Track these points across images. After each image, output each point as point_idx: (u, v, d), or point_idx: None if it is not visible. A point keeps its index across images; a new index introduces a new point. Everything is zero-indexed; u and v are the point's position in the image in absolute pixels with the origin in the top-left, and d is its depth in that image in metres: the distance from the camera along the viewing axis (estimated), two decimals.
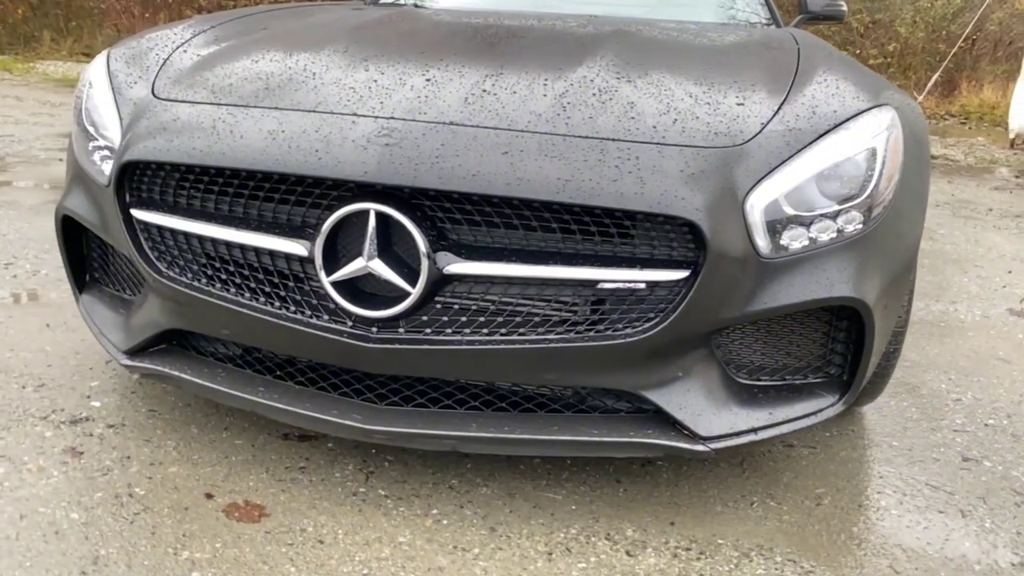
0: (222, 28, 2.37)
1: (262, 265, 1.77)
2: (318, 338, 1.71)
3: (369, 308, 1.67)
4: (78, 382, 2.31)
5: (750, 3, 3.46)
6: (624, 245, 1.65)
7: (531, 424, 1.75)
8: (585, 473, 2.03)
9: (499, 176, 1.59)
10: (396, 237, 1.66)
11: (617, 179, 1.60)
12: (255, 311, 1.76)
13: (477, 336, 1.67)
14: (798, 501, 1.98)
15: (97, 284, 2.24)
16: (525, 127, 1.70)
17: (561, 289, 1.67)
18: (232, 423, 2.14)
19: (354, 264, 1.64)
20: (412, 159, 1.61)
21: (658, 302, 1.66)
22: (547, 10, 3.11)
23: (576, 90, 1.84)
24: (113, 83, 2.05)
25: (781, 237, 1.73)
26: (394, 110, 1.73)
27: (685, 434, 1.76)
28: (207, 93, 1.89)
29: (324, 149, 1.65)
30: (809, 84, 1.98)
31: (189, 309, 1.85)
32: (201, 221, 1.78)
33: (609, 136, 1.70)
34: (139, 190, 1.85)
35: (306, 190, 1.69)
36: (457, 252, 1.64)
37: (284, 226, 1.73)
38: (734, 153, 1.72)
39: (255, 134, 1.72)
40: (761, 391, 1.87)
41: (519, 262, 1.64)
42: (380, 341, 1.68)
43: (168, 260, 1.84)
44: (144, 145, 1.78)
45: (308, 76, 1.90)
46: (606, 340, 1.66)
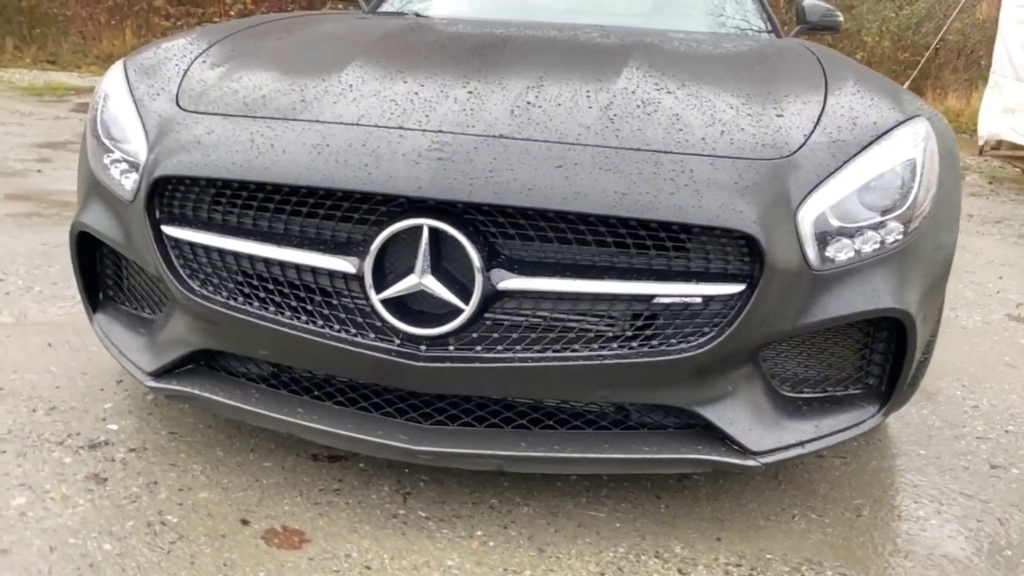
0: (236, 39, 2.31)
1: (304, 282, 1.71)
2: (364, 357, 1.66)
3: (419, 326, 1.62)
4: (91, 404, 2.23)
5: (751, 14, 3.48)
6: (678, 259, 1.63)
7: (581, 442, 1.71)
8: (624, 489, 2.00)
9: (555, 190, 1.56)
10: (447, 253, 1.61)
11: (674, 192, 1.58)
12: (296, 330, 1.70)
13: (529, 353, 1.64)
14: (838, 513, 1.97)
15: (112, 302, 2.16)
16: (576, 140, 1.68)
17: (614, 304, 1.64)
18: (258, 444, 2.08)
19: (406, 281, 1.60)
20: (466, 173, 1.58)
21: (713, 316, 1.64)
22: (547, 19, 3.09)
23: (620, 102, 1.82)
24: (134, 95, 1.98)
25: (828, 249, 1.72)
26: (442, 123, 1.69)
27: (735, 449, 1.74)
28: (240, 105, 1.83)
29: (374, 164, 1.60)
30: (842, 95, 1.98)
31: (223, 328, 1.79)
32: (238, 238, 1.72)
33: (660, 148, 1.68)
34: (170, 206, 1.78)
35: (353, 205, 1.64)
36: (510, 268, 1.61)
37: (328, 242, 1.68)
38: (783, 165, 1.71)
39: (298, 148, 1.66)
40: (805, 403, 1.86)
41: (573, 277, 1.61)
42: (429, 359, 1.64)
43: (201, 278, 1.78)
44: (177, 160, 1.72)
45: (345, 88, 1.85)
46: (660, 356, 1.63)
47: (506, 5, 3.63)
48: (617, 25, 3.06)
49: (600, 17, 3.34)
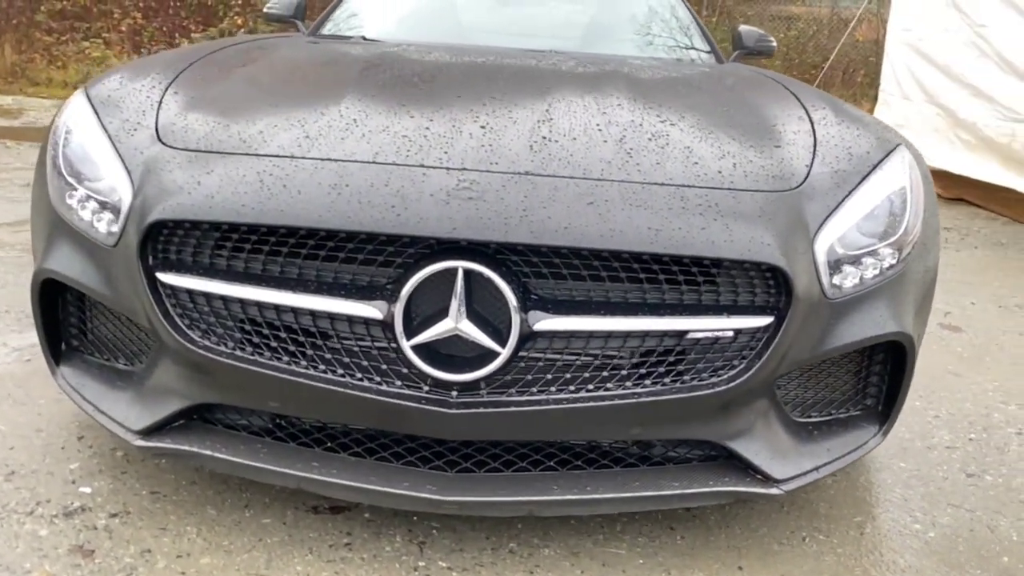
0: (199, 68, 2.17)
1: (321, 329, 1.62)
2: (389, 405, 1.59)
3: (450, 371, 1.56)
4: (54, 465, 2.04)
5: (695, 38, 3.56)
6: (708, 293, 1.63)
7: (612, 482, 1.69)
8: (637, 522, 1.98)
9: (590, 228, 1.54)
10: (478, 295, 1.56)
11: (705, 227, 1.58)
12: (313, 379, 1.61)
13: (563, 394, 1.60)
14: (843, 532, 2.01)
15: (77, 354, 1.99)
16: (600, 175, 1.65)
17: (646, 340, 1.62)
18: (251, 499, 1.95)
19: (441, 326, 1.53)
20: (499, 213, 1.53)
21: (741, 349, 1.65)
22: (491, 43, 3.06)
23: (632, 135, 1.81)
24: (108, 129, 1.84)
25: (836, 278, 1.76)
26: (464, 161, 1.64)
27: (759, 479, 1.75)
28: (237, 142, 1.72)
29: (401, 204, 1.53)
30: (828, 125, 2.04)
31: (228, 380, 1.67)
32: (246, 284, 1.61)
33: (683, 183, 1.68)
34: (165, 252, 1.66)
35: (377, 248, 1.57)
36: (544, 308, 1.57)
37: (349, 287, 1.59)
38: (796, 196, 1.74)
39: (314, 189, 1.57)
40: (815, 428, 1.90)
41: (607, 315, 1.58)
42: (461, 406, 1.57)
43: (203, 328, 1.66)
44: (176, 202, 1.60)
45: (349, 123, 1.77)
46: (693, 391, 1.62)
47: (443, 28, 3.60)
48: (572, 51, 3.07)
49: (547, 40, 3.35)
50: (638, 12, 3.70)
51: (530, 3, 4.12)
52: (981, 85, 7.48)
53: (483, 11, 3.95)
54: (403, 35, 3.24)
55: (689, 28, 3.66)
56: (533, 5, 4.13)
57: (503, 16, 3.99)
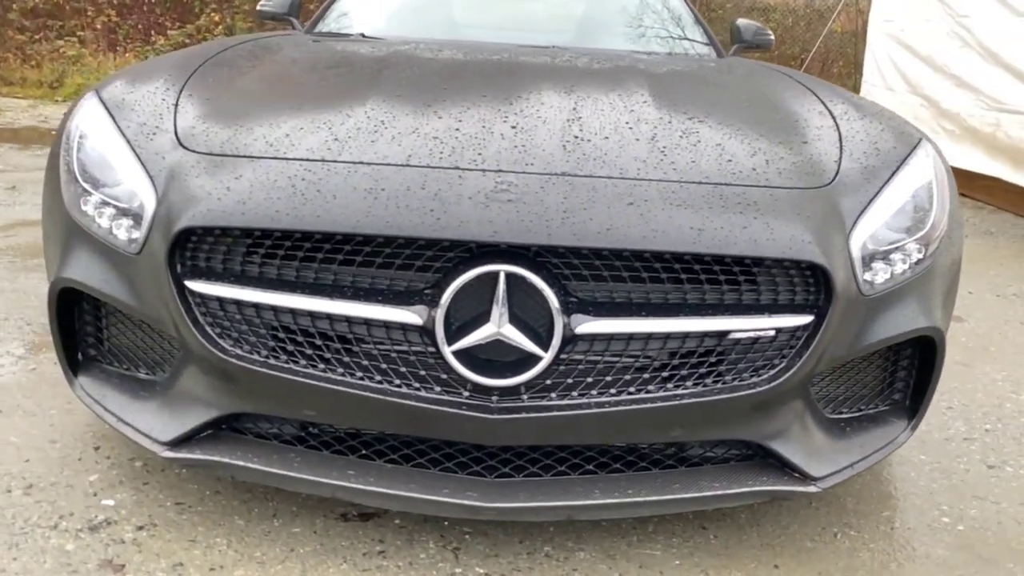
0: (208, 69, 2.13)
1: (358, 336, 1.59)
2: (429, 411, 1.56)
3: (491, 376, 1.54)
4: (72, 477, 1.99)
5: (696, 33, 3.55)
6: (749, 292, 1.62)
7: (651, 484, 1.67)
8: (669, 523, 1.97)
9: (632, 229, 1.52)
10: (518, 298, 1.53)
11: (746, 226, 1.57)
12: (350, 387, 1.57)
13: (604, 397, 1.58)
14: (874, 527, 2.01)
15: (96, 364, 1.94)
16: (637, 174, 1.63)
17: (687, 341, 1.61)
18: (278, 508, 1.92)
19: (483, 331, 1.51)
20: (540, 215, 1.50)
21: (781, 348, 1.64)
22: (490, 39, 3.04)
23: (663, 133, 1.79)
24: (126, 133, 1.79)
25: (869, 274, 1.75)
26: (499, 162, 1.61)
27: (796, 477, 1.75)
28: (264, 146, 1.68)
29: (440, 208, 1.50)
30: (850, 120, 2.03)
31: (261, 389, 1.64)
32: (280, 291, 1.58)
33: (720, 181, 1.66)
34: (194, 259, 1.61)
35: (415, 253, 1.54)
36: (585, 310, 1.54)
37: (386, 293, 1.56)
38: (830, 192, 1.74)
39: (349, 193, 1.54)
40: (846, 424, 1.89)
41: (648, 316, 1.57)
42: (502, 411, 1.55)
43: (234, 336, 1.62)
44: (207, 209, 1.56)
45: (378, 125, 1.73)
46: (735, 391, 1.61)
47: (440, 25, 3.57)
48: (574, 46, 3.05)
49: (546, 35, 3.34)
50: (638, 6, 3.68)
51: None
52: (964, 75, 7.54)
53: (480, 7, 3.92)
54: (401, 32, 3.20)
55: (687, 22, 3.65)
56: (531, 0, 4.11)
57: (500, 12, 3.97)
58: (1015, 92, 6.99)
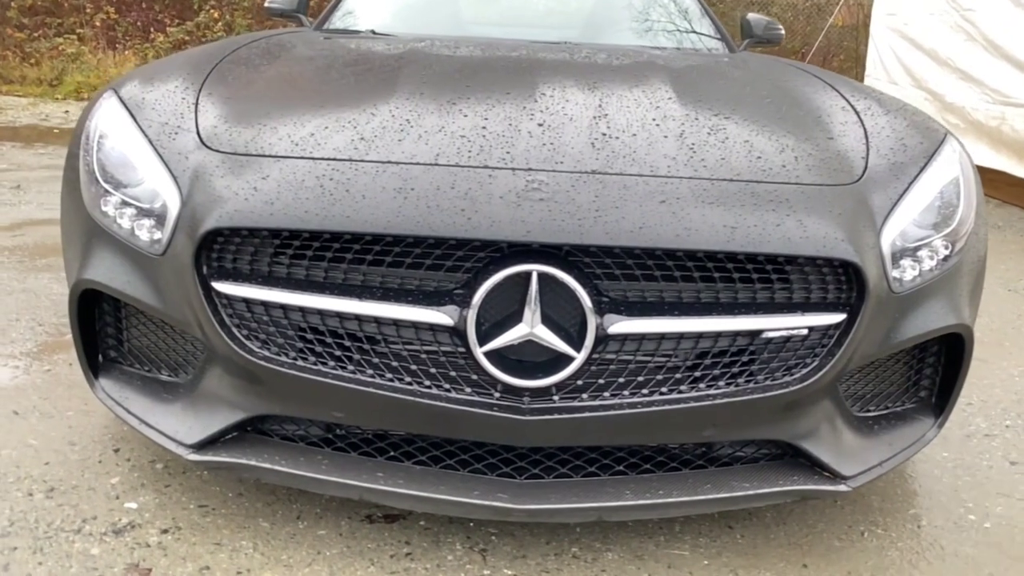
0: (225, 68, 2.10)
1: (387, 337, 1.57)
2: (459, 413, 1.55)
3: (522, 376, 1.52)
4: (94, 480, 1.98)
5: (704, 26, 3.53)
6: (782, 290, 1.60)
7: (682, 485, 1.66)
8: (695, 522, 1.95)
9: (666, 227, 1.50)
10: (549, 298, 1.52)
11: (780, 224, 1.55)
12: (379, 388, 1.56)
13: (637, 397, 1.57)
14: (901, 525, 2.00)
15: (116, 366, 1.92)
16: (668, 172, 1.62)
17: (719, 340, 1.59)
18: (302, 510, 1.90)
19: (515, 331, 1.49)
20: (572, 214, 1.49)
21: (813, 347, 1.62)
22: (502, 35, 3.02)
23: (691, 130, 1.78)
24: (147, 133, 1.77)
25: (899, 271, 1.74)
26: (528, 161, 1.60)
27: (827, 476, 1.73)
28: (289, 145, 1.66)
29: (471, 207, 1.49)
30: (874, 116, 2.02)
31: (288, 391, 1.62)
32: (308, 292, 1.56)
33: (751, 178, 1.65)
34: (220, 260, 1.60)
35: (445, 252, 1.52)
36: (617, 310, 1.53)
37: (416, 293, 1.55)
38: (860, 189, 1.72)
39: (379, 193, 1.52)
40: (874, 422, 1.88)
41: (681, 315, 1.55)
42: (534, 412, 1.54)
43: (262, 338, 1.60)
44: (234, 209, 1.54)
45: (403, 124, 1.72)
46: (768, 391, 1.60)
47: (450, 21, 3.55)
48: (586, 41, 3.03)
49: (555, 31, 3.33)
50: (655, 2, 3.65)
51: None
52: (969, 69, 7.52)
53: (487, 3, 3.91)
54: (411, 29, 3.17)
55: (697, 16, 3.63)
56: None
57: (507, 8, 3.95)
58: (1021, 86, 6.98)
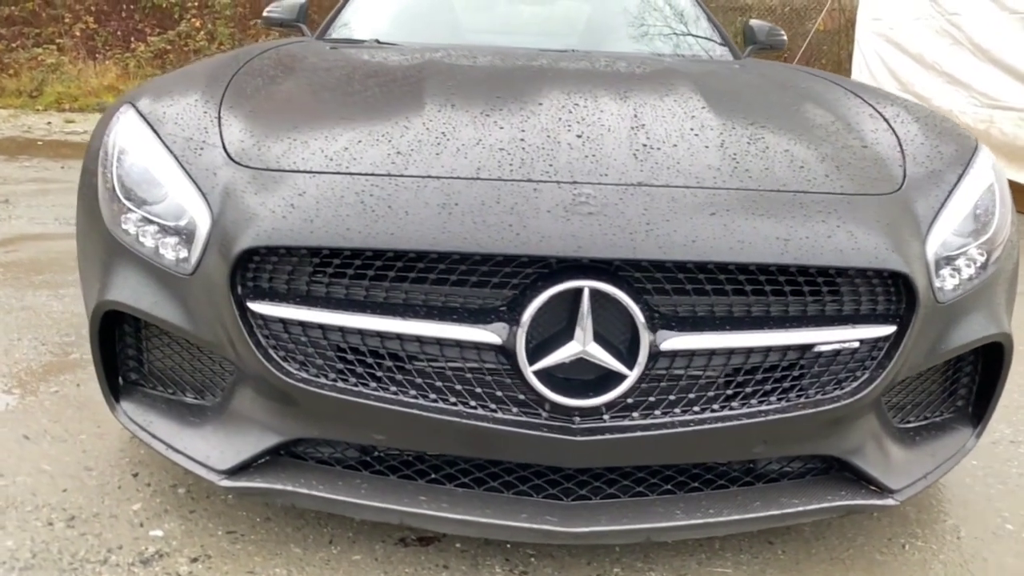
0: (242, 80, 2.05)
1: (429, 357, 1.52)
2: (506, 434, 1.50)
3: (574, 396, 1.48)
4: (115, 507, 1.91)
5: (712, 34, 3.52)
6: (832, 303, 1.57)
7: (732, 503, 1.62)
8: (733, 538, 1.91)
9: (718, 240, 1.47)
10: (600, 314, 1.48)
11: (831, 235, 1.52)
12: (423, 410, 1.51)
13: (688, 415, 1.53)
14: (940, 537, 1.97)
15: (138, 388, 1.86)
16: (714, 183, 1.59)
17: (769, 355, 1.56)
18: (334, 534, 1.85)
19: (566, 349, 1.45)
20: (623, 228, 1.45)
21: (863, 359, 1.60)
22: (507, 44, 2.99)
23: (730, 139, 1.75)
24: (172, 148, 1.71)
25: (941, 280, 1.71)
26: (572, 173, 1.56)
27: (874, 490, 1.70)
28: (323, 160, 1.61)
29: (519, 223, 1.44)
30: (905, 123, 2.00)
31: (326, 414, 1.57)
32: (348, 311, 1.51)
33: (797, 188, 1.62)
34: (256, 279, 1.54)
35: (491, 269, 1.47)
36: (669, 326, 1.49)
37: (460, 311, 1.50)
38: (902, 198, 1.70)
39: (421, 208, 1.48)
40: (915, 433, 1.86)
41: (733, 330, 1.52)
42: (584, 432, 1.49)
43: (300, 359, 1.55)
44: (271, 227, 1.49)
45: (439, 137, 1.67)
46: (819, 406, 1.57)
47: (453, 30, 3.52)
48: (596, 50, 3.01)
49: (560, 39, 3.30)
50: (652, 7, 3.64)
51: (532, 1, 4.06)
52: (956, 72, 7.57)
53: (485, 11, 3.88)
54: (414, 38, 3.13)
55: (703, 22, 3.61)
56: (536, 4, 4.07)
57: (507, 16, 3.93)
58: (1008, 88, 7.03)
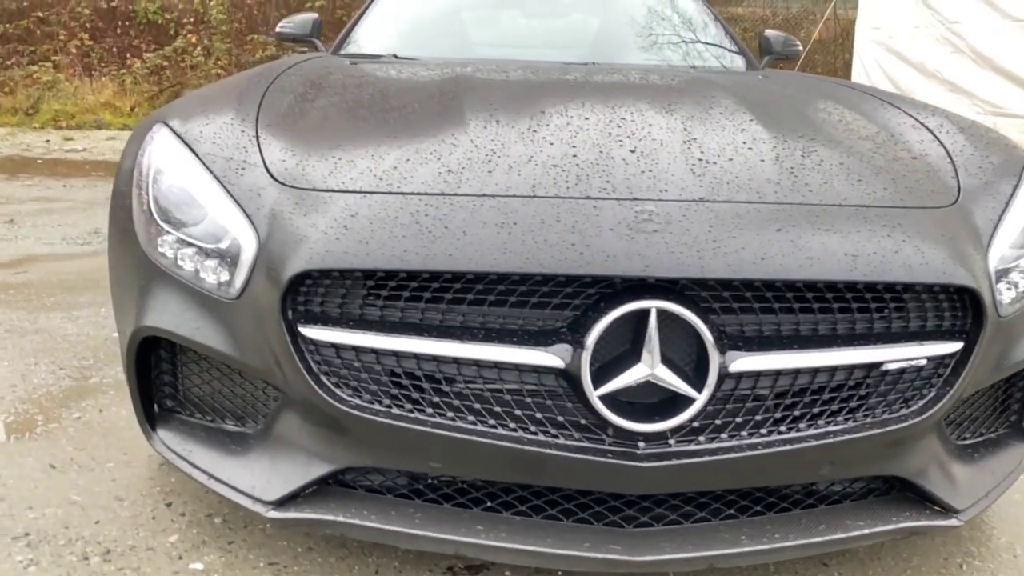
0: (274, 97, 2.00)
1: (488, 381, 1.47)
2: (570, 461, 1.45)
3: (641, 420, 1.43)
4: (151, 539, 1.85)
5: (730, 45, 3.49)
6: (898, 320, 1.53)
7: (797, 526, 1.57)
8: (788, 560, 1.87)
9: (787, 257, 1.42)
10: (665, 335, 1.43)
11: (898, 250, 1.48)
12: (482, 436, 1.46)
13: (755, 438, 1.48)
14: (997, 556, 1.93)
15: (174, 416, 1.80)
16: (776, 198, 1.55)
17: (836, 374, 1.51)
18: (379, 564, 1.79)
19: (633, 372, 1.40)
20: (690, 246, 1.41)
21: (930, 377, 1.55)
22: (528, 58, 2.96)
23: (785, 153, 1.71)
24: (212, 168, 1.66)
25: (1001, 294, 1.68)
26: (631, 190, 1.51)
27: (938, 510, 1.66)
28: (372, 180, 1.57)
29: (582, 242, 1.40)
30: (950, 134, 1.97)
31: (380, 442, 1.51)
32: (405, 335, 1.46)
33: (858, 202, 1.58)
34: (308, 303, 1.49)
35: (552, 290, 1.43)
36: (737, 346, 1.45)
37: (520, 334, 1.45)
38: (961, 210, 1.66)
39: (479, 228, 1.43)
40: (972, 450, 1.82)
41: (802, 349, 1.47)
42: (651, 458, 1.44)
43: (353, 386, 1.49)
44: (325, 250, 1.44)
45: (488, 154, 1.63)
46: (887, 425, 1.52)
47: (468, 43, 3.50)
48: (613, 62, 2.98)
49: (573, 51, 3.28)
50: (672, 20, 3.61)
51: (542, 14, 4.03)
52: (958, 80, 7.59)
53: (506, 25, 3.86)
54: (430, 52, 3.10)
55: (716, 33, 3.59)
56: (546, 17, 4.04)
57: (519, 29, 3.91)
58: (1011, 96, 7.05)
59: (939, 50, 7.72)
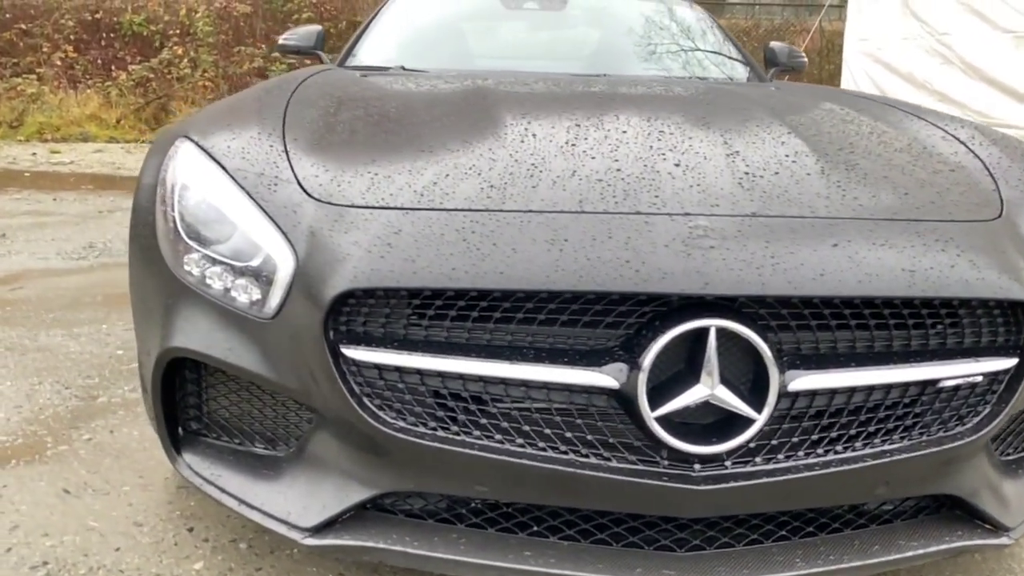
0: (297, 111, 1.95)
1: (537, 402, 1.42)
2: (624, 484, 1.40)
3: (697, 442, 1.39)
4: (175, 567, 1.78)
5: (738, 57, 3.48)
6: (953, 336, 1.50)
7: (850, 547, 1.53)
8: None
9: (846, 273, 1.39)
10: (723, 355, 1.39)
11: (954, 264, 1.46)
12: (532, 459, 1.41)
13: (812, 459, 1.45)
14: None
15: (200, 439, 1.74)
16: (828, 212, 1.51)
17: (891, 392, 1.48)
18: None
19: (692, 393, 1.36)
20: (748, 262, 1.37)
21: (984, 393, 1.52)
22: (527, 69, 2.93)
23: (829, 166, 1.68)
24: (243, 184, 1.61)
25: None
26: (682, 205, 1.48)
27: (988, 529, 1.63)
28: (413, 196, 1.52)
29: (636, 259, 1.36)
30: (981, 146, 1.96)
31: (424, 465, 1.46)
32: (452, 356, 1.41)
33: (909, 216, 1.55)
34: (349, 323, 1.44)
35: (605, 308, 1.38)
36: (796, 365, 1.41)
37: (571, 353, 1.40)
38: (1007, 223, 1.64)
39: (529, 245, 1.39)
40: (1017, 465, 1.79)
41: (859, 367, 1.44)
42: (707, 480, 1.40)
43: (397, 408, 1.44)
44: (370, 269, 1.39)
45: (530, 168, 1.58)
46: (942, 444, 1.49)
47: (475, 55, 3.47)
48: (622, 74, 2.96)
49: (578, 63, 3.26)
50: (677, 32, 3.60)
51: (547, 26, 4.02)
52: (948, 91, 7.64)
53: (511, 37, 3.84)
54: (438, 64, 3.06)
55: (725, 45, 3.59)
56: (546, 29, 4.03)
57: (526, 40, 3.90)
58: (1002, 105, 7.10)
59: (929, 61, 7.78)
